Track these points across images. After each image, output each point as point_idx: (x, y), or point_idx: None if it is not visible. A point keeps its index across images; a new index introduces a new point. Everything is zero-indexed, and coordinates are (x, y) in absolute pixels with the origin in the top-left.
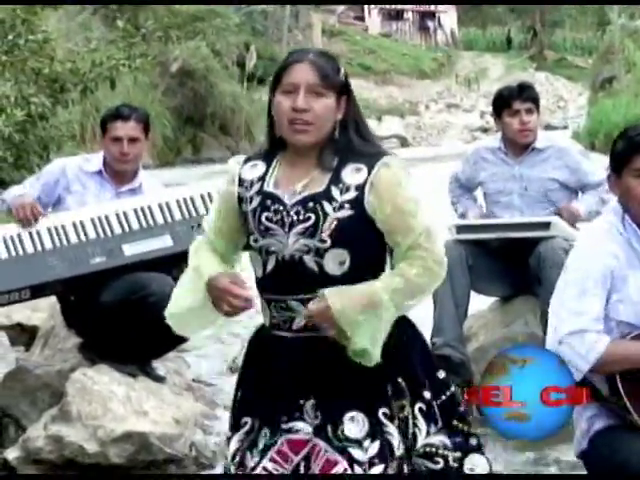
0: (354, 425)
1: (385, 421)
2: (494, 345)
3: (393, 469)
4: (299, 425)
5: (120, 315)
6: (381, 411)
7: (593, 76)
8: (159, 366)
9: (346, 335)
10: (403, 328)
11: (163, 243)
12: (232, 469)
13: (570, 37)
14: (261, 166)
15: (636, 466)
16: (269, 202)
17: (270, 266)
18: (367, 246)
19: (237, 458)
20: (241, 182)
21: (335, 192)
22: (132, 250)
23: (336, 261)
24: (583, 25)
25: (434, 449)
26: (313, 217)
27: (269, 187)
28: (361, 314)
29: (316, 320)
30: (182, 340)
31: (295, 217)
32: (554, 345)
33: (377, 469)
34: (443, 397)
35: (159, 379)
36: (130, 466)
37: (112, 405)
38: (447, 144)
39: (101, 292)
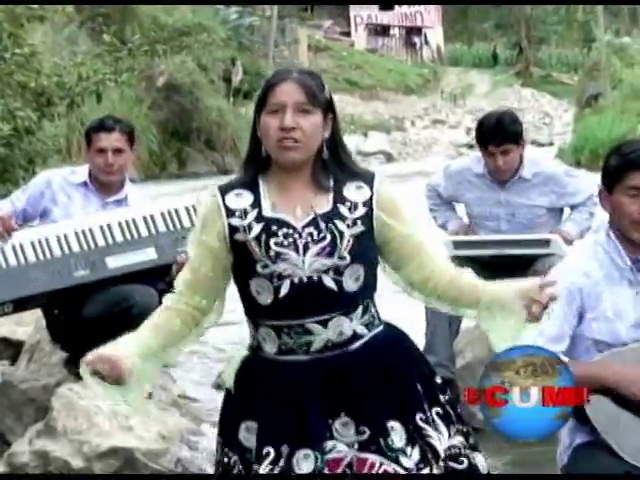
0: (395, 434)
1: (423, 425)
2: (481, 362)
3: (440, 469)
4: (330, 444)
5: (104, 328)
6: (418, 416)
7: (579, 93)
8: None
9: None
10: (399, 334)
11: (147, 256)
12: None
13: (556, 53)
14: (247, 194)
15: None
16: (275, 227)
17: (284, 290)
18: (375, 259)
19: None
20: (231, 212)
21: (344, 210)
22: (115, 263)
23: (353, 278)
24: (569, 42)
25: (457, 450)
26: (329, 236)
27: (268, 212)
28: None
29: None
30: None
31: (309, 238)
32: None
33: (425, 471)
34: (449, 397)
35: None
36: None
37: (98, 420)
38: (433, 160)
39: (84, 305)
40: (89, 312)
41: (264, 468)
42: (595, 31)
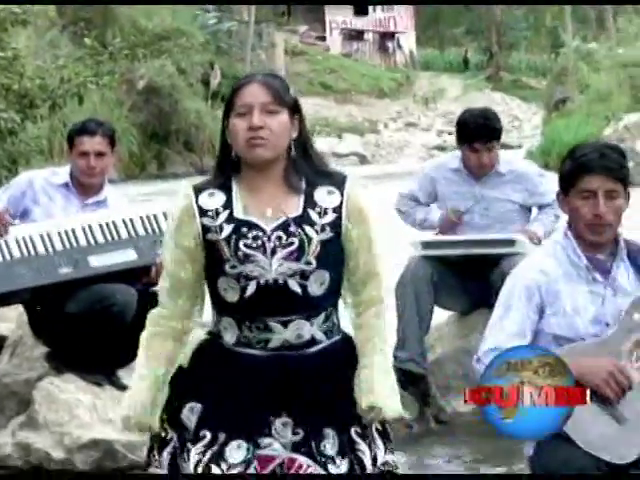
0: (328, 442)
1: (357, 439)
2: (450, 358)
3: None
4: (266, 441)
5: (85, 324)
6: (353, 429)
7: (547, 97)
8: (124, 375)
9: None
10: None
11: (128, 257)
12: None
13: (525, 59)
14: (219, 194)
15: (570, 467)
16: (245, 229)
17: (250, 291)
18: (340, 265)
19: (199, 469)
20: (203, 212)
21: (314, 215)
22: (98, 262)
23: (318, 282)
24: (537, 47)
25: (389, 467)
26: (297, 241)
27: (239, 214)
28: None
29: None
30: None
31: (277, 242)
32: (473, 362)
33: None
34: None
35: (124, 388)
36: (95, 473)
37: (78, 413)
38: (405, 162)
39: (67, 302)
40: (71, 308)
41: (197, 449)
42: (563, 37)
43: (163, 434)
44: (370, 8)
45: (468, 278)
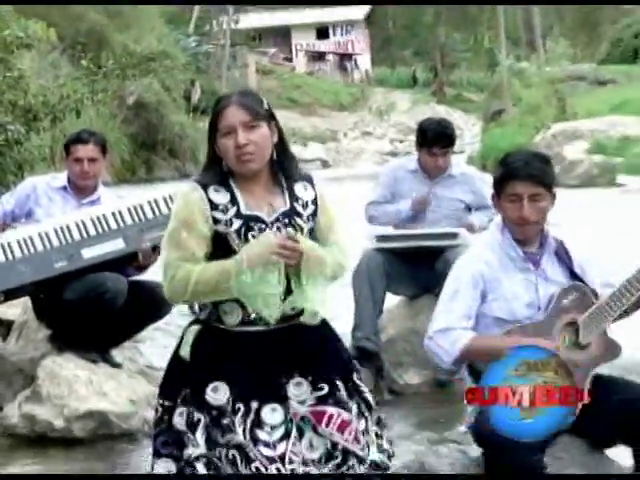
0: (340, 390)
1: (359, 383)
2: (401, 337)
3: (374, 420)
4: (287, 402)
5: (81, 310)
6: (355, 376)
7: (485, 109)
8: (117, 354)
9: (300, 279)
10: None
11: (116, 246)
12: (251, 446)
13: (465, 76)
14: (224, 191)
15: (507, 441)
16: (252, 223)
17: None
18: None
19: (248, 437)
20: (215, 206)
21: (299, 208)
22: (90, 253)
23: None
24: (476, 66)
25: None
26: (292, 230)
27: (245, 210)
28: (316, 268)
29: (288, 252)
30: (135, 331)
31: (277, 232)
32: (425, 341)
33: (362, 423)
34: None
35: (116, 365)
36: (91, 439)
37: (77, 387)
38: (361, 166)
39: (65, 291)
40: (69, 296)
41: (238, 421)
42: (498, 57)
43: (188, 417)
44: (331, 33)
45: (416, 267)
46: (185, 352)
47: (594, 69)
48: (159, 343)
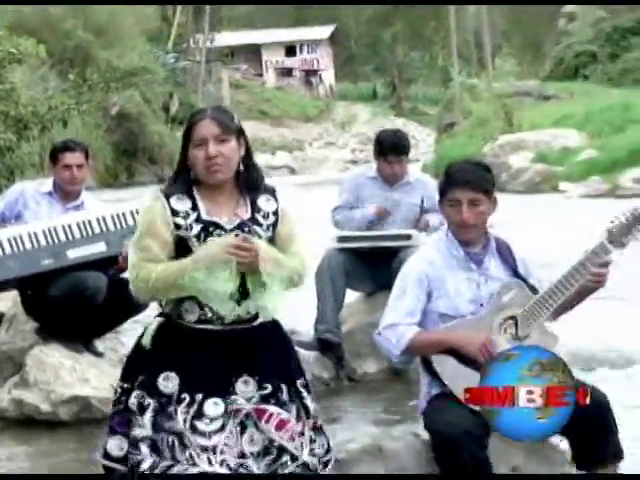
0: (282, 393)
1: (302, 389)
2: (360, 329)
3: (309, 425)
4: (232, 397)
5: (65, 305)
6: (299, 382)
7: (438, 121)
8: (99, 344)
9: (259, 277)
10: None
11: (99, 249)
12: (188, 435)
13: (421, 91)
14: (186, 199)
15: (455, 427)
16: (211, 228)
17: None
18: None
19: (188, 425)
20: (175, 212)
21: (260, 218)
22: (74, 254)
23: None
24: (431, 82)
25: (315, 412)
26: (249, 235)
27: (205, 216)
28: (275, 274)
29: (241, 252)
30: (116, 324)
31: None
32: (374, 335)
33: (300, 425)
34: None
35: (99, 354)
36: (76, 422)
37: (62, 374)
38: (325, 173)
39: (50, 287)
40: (54, 292)
41: (182, 409)
42: (451, 74)
43: (138, 401)
44: (298, 50)
45: (374, 266)
46: (146, 341)
47: (538, 85)
48: (138, 334)
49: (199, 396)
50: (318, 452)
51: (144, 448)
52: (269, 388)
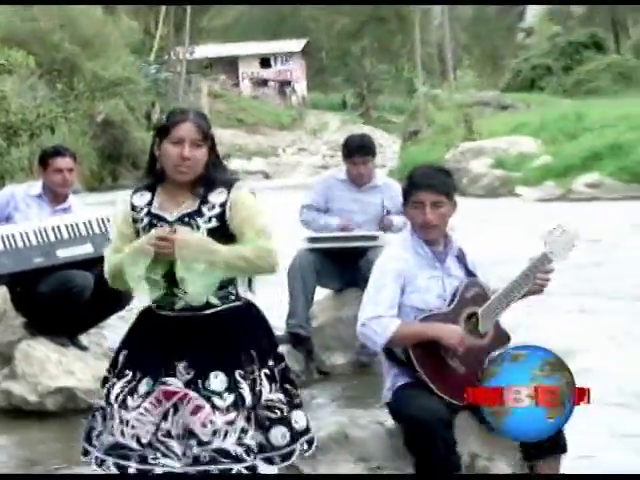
0: (217, 381)
1: (240, 379)
2: (329, 324)
3: (244, 415)
4: (172, 380)
5: (53, 301)
6: (237, 372)
7: (403, 129)
8: (84, 338)
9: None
10: (254, 313)
11: (86, 250)
12: (115, 407)
13: (388, 101)
14: (147, 195)
15: (428, 412)
16: (155, 220)
17: None
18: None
19: (120, 398)
20: (133, 207)
21: (205, 210)
22: (64, 253)
23: None
24: (397, 92)
25: (273, 403)
26: (189, 229)
27: (155, 210)
28: (198, 262)
29: (160, 242)
30: (100, 320)
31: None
32: (358, 327)
33: (232, 414)
34: (281, 366)
35: (83, 348)
36: (62, 412)
37: (48, 367)
38: (298, 177)
39: (39, 284)
40: (42, 289)
41: (121, 384)
42: (416, 84)
43: (105, 375)
44: (272, 62)
45: (342, 265)
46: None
47: (497, 96)
48: (121, 328)
49: (139, 374)
50: (247, 442)
51: (98, 416)
52: (191, 374)
